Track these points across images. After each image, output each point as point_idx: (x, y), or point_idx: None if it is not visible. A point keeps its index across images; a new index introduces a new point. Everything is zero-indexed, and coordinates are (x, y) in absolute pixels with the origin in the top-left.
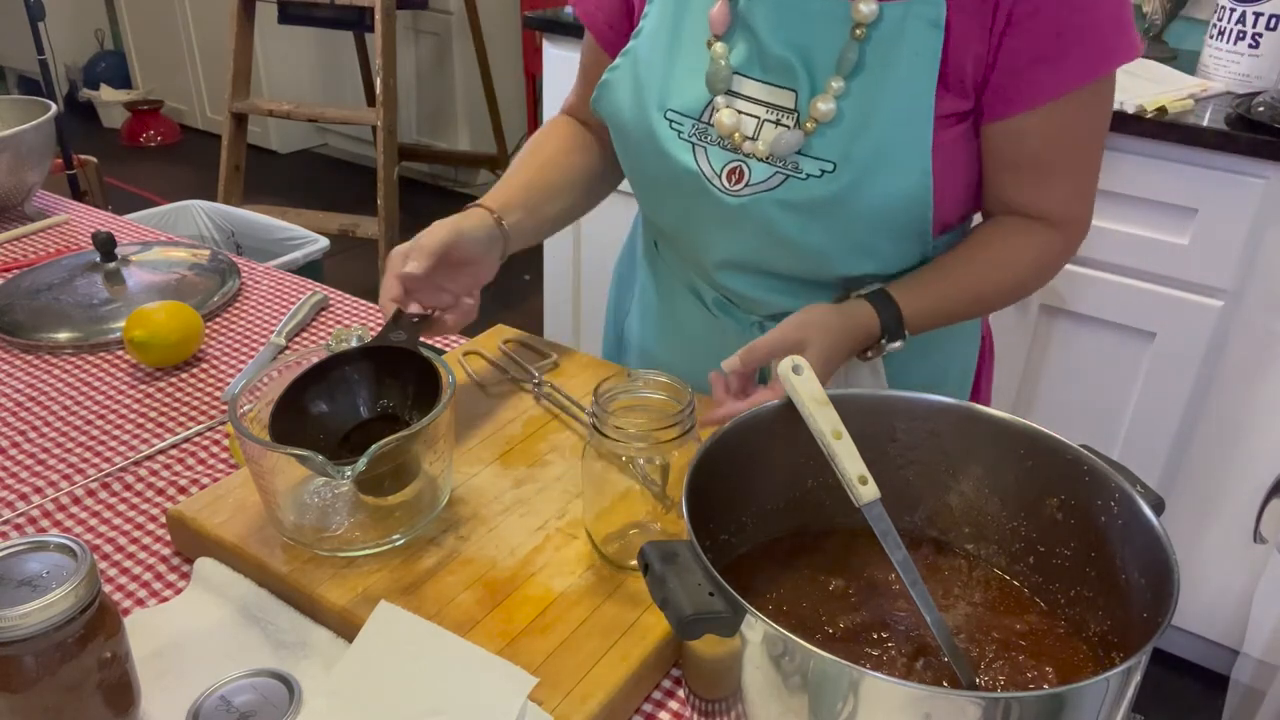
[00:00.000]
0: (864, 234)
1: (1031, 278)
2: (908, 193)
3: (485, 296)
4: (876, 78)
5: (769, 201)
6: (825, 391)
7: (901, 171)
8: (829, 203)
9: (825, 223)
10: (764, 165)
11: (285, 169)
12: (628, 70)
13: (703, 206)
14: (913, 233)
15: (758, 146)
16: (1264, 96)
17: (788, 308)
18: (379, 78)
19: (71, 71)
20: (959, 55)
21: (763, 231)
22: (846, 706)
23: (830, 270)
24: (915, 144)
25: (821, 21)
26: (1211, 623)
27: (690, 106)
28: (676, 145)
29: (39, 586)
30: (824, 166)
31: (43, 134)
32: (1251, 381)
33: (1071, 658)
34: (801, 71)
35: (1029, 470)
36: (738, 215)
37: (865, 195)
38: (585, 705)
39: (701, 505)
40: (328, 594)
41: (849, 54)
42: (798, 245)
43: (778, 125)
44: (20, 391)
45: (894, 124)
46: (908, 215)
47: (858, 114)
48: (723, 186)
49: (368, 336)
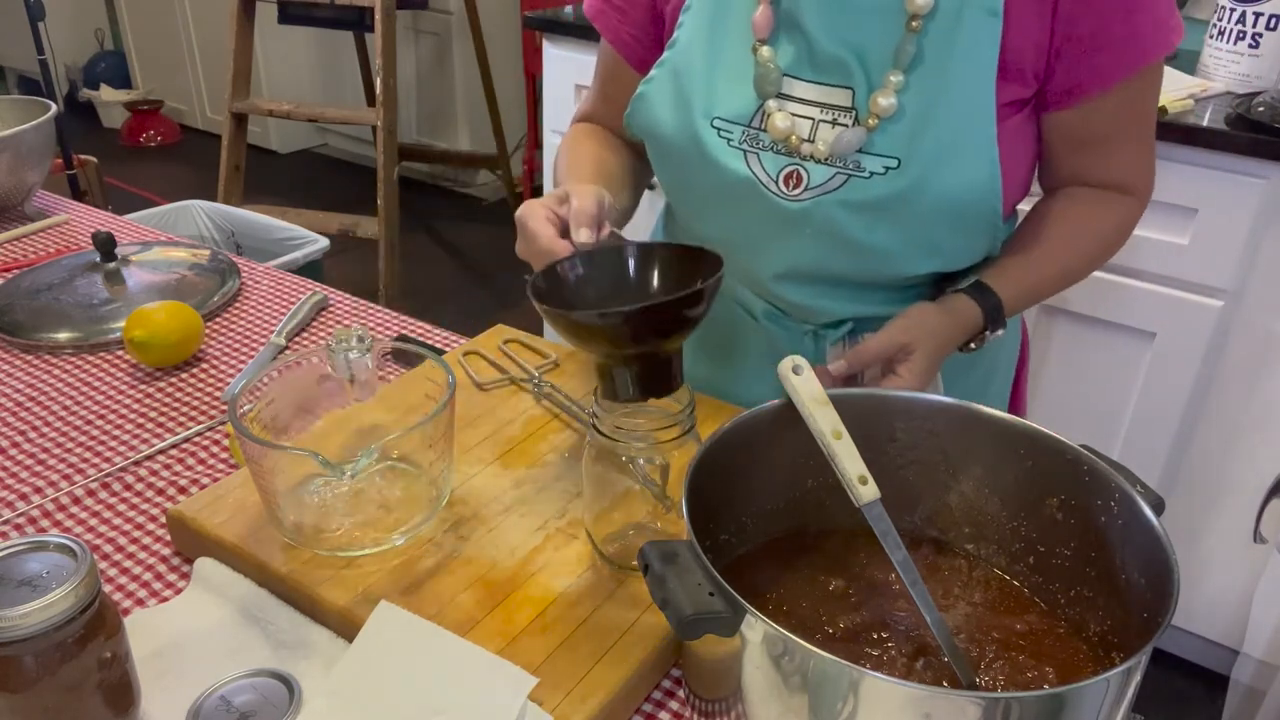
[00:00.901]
0: (931, 231)
1: (1114, 244)
2: (976, 185)
3: (485, 296)
4: (935, 70)
5: (832, 203)
6: (825, 391)
7: (968, 164)
8: (895, 200)
9: (891, 221)
10: (823, 167)
11: (285, 169)
12: (666, 82)
13: (759, 215)
14: (982, 226)
15: (816, 148)
16: (1264, 96)
17: (844, 315)
18: (379, 78)
19: (71, 71)
20: (1018, 42)
21: (825, 235)
22: (846, 706)
23: (895, 271)
24: (980, 135)
25: (874, 16)
26: (1211, 623)
27: (739, 113)
28: (727, 153)
29: (39, 586)
30: (887, 163)
31: (43, 134)
32: (1251, 381)
33: (1071, 658)
34: (857, 68)
35: (1029, 470)
36: (799, 220)
37: (932, 190)
38: (585, 705)
39: (701, 505)
40: (328, 594)
41: (906, 46)
42: (862, 247)
43: (834, 125)
44: (20, 391)
45: (957, 116)
46: (978, 208)
47: (919, 108)
48: (780, 192)
49: (368, 337)
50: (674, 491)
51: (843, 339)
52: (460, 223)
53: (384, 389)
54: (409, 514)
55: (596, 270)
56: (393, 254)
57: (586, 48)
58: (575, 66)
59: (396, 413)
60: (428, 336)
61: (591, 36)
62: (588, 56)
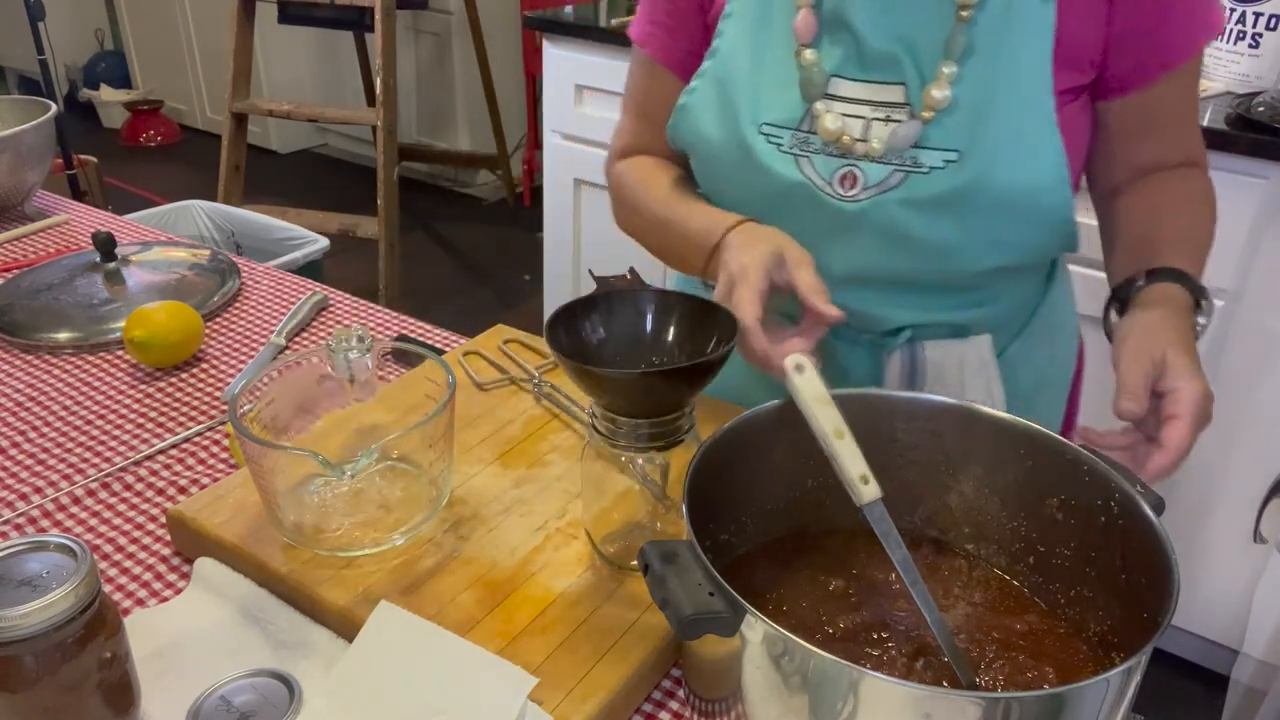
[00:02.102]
0: (996, 225)
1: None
2: (1042, 174)
3: (485, 296)
4: (988, 59)
5: (892, 202)
6: (828, 392)
7: (1032, 153)
8: (957, 194)
9: (954, 216)
10: (879, 166)
11: (285, 169)
12: (709, 92)
13: (816, 219)
14: (1050, 219)
15: (871, 146)
16: (1264, 96)
17: (903, 321)
18: (379, 78)
19: (71, 71)
20: (1072, 28)
21: (885, 235)
22: (846, 706)
23: (958, 268)
24: (1042, 123)
25: (922, 9)
26: (1211, 623)
27: (787, 118)
28: (777, 159)
29: (39, 586)
30: (947, 157)
31: (43, 134)
32: (1251, 381)
33: (1071, 658)
34: (908, 62)
35: (1029, 470)
36: (858, 221)
37: (997, 182)
38: (585, 705)
39: (701, 505)
40: (328, 594)
41: (958, 36)
42: (923, 244)
43: (888, 121)
44: (20, 391)
45: (1017, 104)
46: (1046, 199)
47: (975, 98)
48: (836, 194)
49: (368, 337)
50: (674, 491)
51: (900, 349)
52: (460, 223)
53: (384, 389)
54: (409, 514)
55: (614, 317)
56: (393, 254)
57: (586, 48)
58: (575, 66)
59: (396, 413)
60: (428, 336)
61: (591, 37)
62: (588, 56)
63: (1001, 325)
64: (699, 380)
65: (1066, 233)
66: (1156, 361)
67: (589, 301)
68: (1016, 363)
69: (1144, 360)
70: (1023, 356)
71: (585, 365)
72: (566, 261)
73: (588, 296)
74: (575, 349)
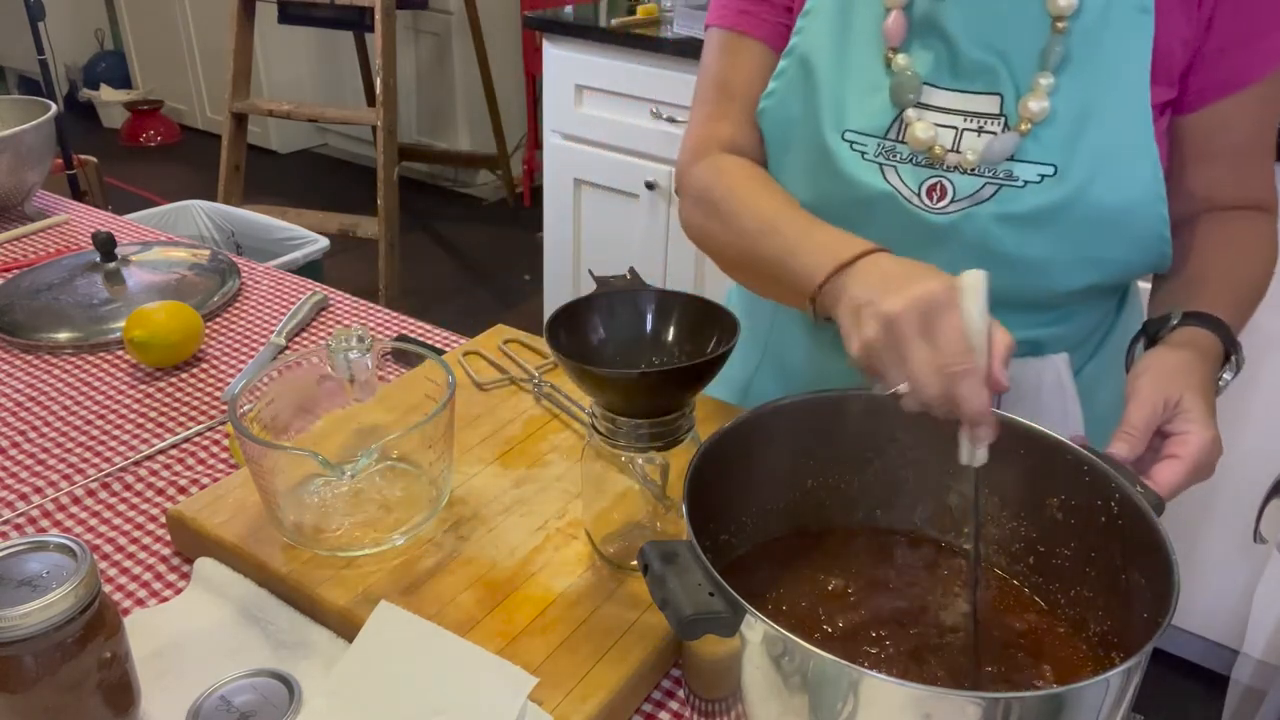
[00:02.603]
0: (1091, 241)
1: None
2: (1140, 190)
3: (485, 296)
4: (1085, 71)
5: (984, 216)
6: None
7: (1131, 168)
8: (1052, 210)
9: (1048, 232)
10: (970, 178)
11: (285, 169)
12: (797, 80)
13: (898, 230)
14: (1147, 237)
15: (963, 158)
16: None
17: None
18: (379, 78)
19: (71, 71)
20: (1167, 40)
21: (973, 249)
22: (846, 706)
23: (1049, 286)
24: (1140, 137)
25: (1016, 19)
26: (1211, 623)
27: (873, 125)
28: (861, 167)
29: (39, 586)
30: (1043, 171)
31: (43, 134)
32: (1251, 381)
33: (1071, 658)
34: (1004, 72)
35: (1029, 470)
36: (945, 234)
37: (1094, 197)
38: (585, 705)
39: (701, 505)
40: (328, 594)
41: (1054, 47)
42: (1014, 260)
43: (980, 133)
44: (20, 391)
45: (1116, 118)
46: (1144, 216)
47: (1072, 111)
48: (924, 205)
49: (368, 337)
50: (674, 491)
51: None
52: (460, 223)
53: (384, 389)
54: (409, 514)
55: (614, 317)
56: (392, 254)
57: (586, 48)
58: (575, 66)
59: (396, 413)
60: (428, 336)
61: (591, 37)
62: (588, 56)
63: (1076, 345)
64: (699, 380)
65: (1160, 251)
66: (1170, 404)
67: (589, 301)
68: (1093, 384)
69: (1156, 403)
70: (1099, 378)
71: (585, 365)
72: (566, 261)
73: (588, 296)
74: (575, 349)
